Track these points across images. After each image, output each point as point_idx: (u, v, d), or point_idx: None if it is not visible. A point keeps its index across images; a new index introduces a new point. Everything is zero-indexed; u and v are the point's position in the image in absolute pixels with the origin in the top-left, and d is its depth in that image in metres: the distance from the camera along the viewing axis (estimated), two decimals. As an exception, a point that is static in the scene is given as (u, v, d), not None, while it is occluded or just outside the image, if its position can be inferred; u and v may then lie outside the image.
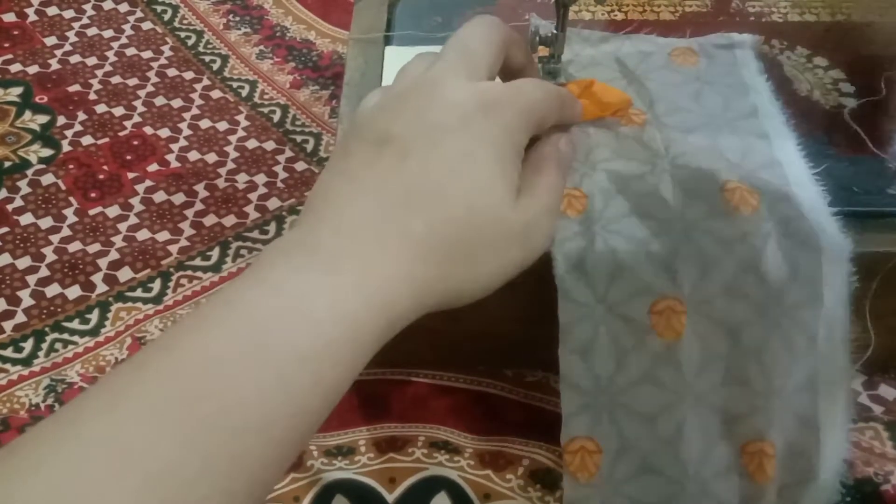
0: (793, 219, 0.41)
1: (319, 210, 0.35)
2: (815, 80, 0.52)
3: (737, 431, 0.41)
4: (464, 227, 0.35)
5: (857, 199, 0.44)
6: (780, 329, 0.40)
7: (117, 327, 0.54)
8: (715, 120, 0.47)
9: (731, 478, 0.40)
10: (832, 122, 0.50)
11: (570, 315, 0.41)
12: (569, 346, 0.41)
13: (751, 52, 0.51)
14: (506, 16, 0.58)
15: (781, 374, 0.40)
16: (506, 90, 0.38)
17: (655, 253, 0.41)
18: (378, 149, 0.36)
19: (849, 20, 0.57)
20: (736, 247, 0.40)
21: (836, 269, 0.41)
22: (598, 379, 0.41)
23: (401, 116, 0.36)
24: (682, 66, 0.50)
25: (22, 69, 0.71)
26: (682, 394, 0.41)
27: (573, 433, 0.41)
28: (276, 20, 0.78)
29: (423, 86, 0.37)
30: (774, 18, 0.57)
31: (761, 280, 0.40)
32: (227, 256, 0.58)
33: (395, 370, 0.50)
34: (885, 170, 0.47)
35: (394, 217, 0.34)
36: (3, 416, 0.48)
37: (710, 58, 0.51)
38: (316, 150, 0.65)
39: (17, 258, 0.57)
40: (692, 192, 0.42)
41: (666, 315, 0.40)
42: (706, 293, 0.40)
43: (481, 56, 0.38)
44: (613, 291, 0.41)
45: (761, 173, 0.43)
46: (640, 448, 0.41)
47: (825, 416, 0.40)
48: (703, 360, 0.41)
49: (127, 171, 0.63)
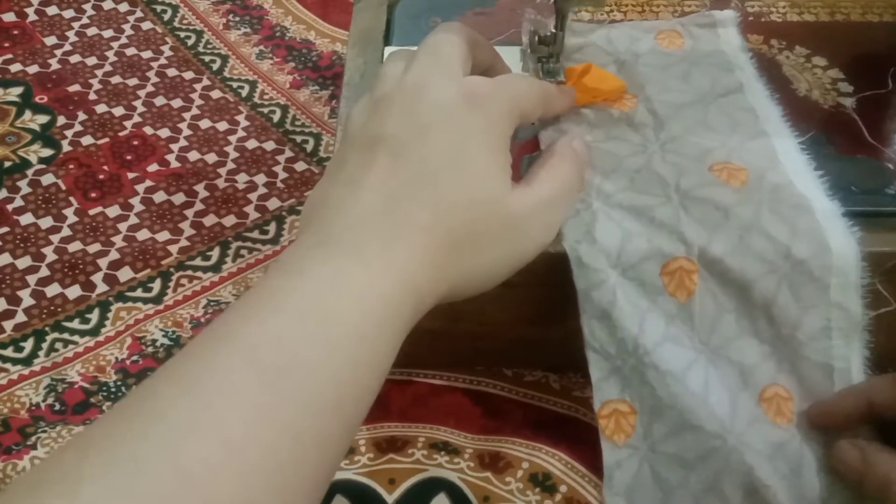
0: (782, 186, 0.43)
1: (322, 215, 0.36)
2: (813, 80, 0.52)
3: (753, 381, 0.41)
4: (466, 217, 0.36)
5: (856, 199, 0.44)
6: (788, 282, 0.41)
7: (117, 327, 0.54)
8: (703, 98, 0.48)
9: (758, 427, 0.41)
10: (831, 121, 0.50)
11: (585, 281, 0.42)
12: (589, 312, 0.42)
13: (733, 28, 0.53)
14: (505, 16, 0.58)
15: (790, 325, 0.41)
16: (488, 83, 0.39)
17: (660, 219, 0.42)
18: (371, 152, 0.36)
19: (848, 20, 0.57)
20: (734, 210, 0.42)
21: (834, 224, 0.42)
22: (623, 342, 0.41)
23: (389, 119, 0.37)
24: (669, 48, 0.52)
25: (22, 69, 0.72)
26: (699, 350, 0.42)
27: (605, 397, 0.42)
28: (275, 20, 0.78)
29: (406, 88, 0.38)
30: (773, 18, 0.57)
31: (767, 237, 0.41)
32: (227, 256, 0.58)
33: (395, 370, 0.50)
34: (884, 169, 0.47)
35: (399, 209, 0.35)
36: (4, 415, 0.48)
37: (694, 39, 0.52)
38: (316, 150, 0.66)
39: (17, 258, 0.57)
40: (683, 169, 0.44)
41: (678, 275, 0.41)
42: (717, 252, 0.42)
43: (452, 56, 0.40)
44: (624, 256, 0.42)
45: (748, 145, 0.45)
46: (675, 405, 0.41)
47: (840, 362, 0.41)
48: (715, 317, 0.42)
49: (127, 171, 0.63)
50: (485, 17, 0.59)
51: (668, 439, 0.41)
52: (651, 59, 0.51)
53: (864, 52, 0.55)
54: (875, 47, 0.56)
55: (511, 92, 0.40)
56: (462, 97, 0.38)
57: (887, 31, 0.57)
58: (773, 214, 0.42)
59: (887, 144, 0.48)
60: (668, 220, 0.42)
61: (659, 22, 0.54)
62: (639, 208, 0.43)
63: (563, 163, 0.42)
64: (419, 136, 0.37)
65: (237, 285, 0.56)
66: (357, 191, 0.36)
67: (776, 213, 0.42)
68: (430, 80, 0.38)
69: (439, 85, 0.38)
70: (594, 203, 0.43)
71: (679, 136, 0.46)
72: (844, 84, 0.52)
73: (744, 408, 0.41)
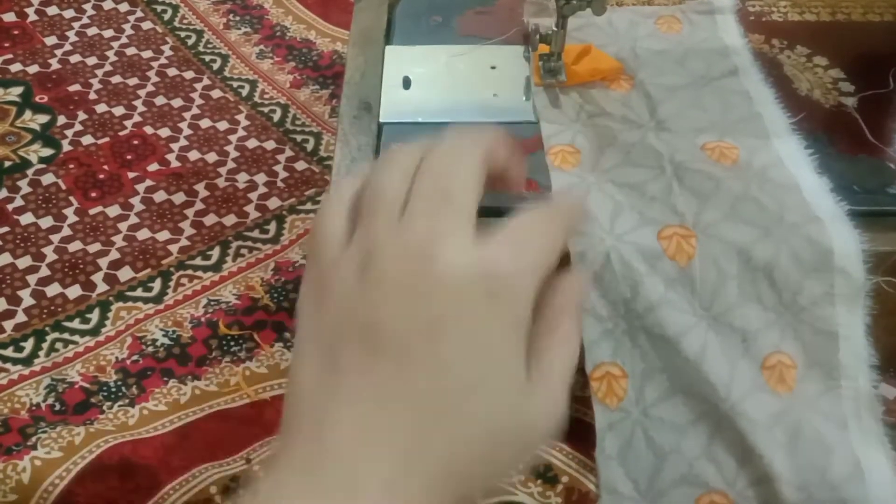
0: (771, 165, 0.44)
1: (310, 425, 0.30)
2: (814, 80, 0.52)
3: (755, 348, 0.42)
4: (487, 445, 0.31)
5: (857, 198, 0.44)
6: (787, 245, 0.42)
7: (118, 327, 0.54)
8: (698, 81, 0.50)
9: (757, 395, 0.41)
10: (832, 121, 0.50)
11: (580, 245, 0.42)
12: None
13: (731, 16, 0.54)
14: (505, 16, 0.58)
15: (792, 289, 0.42)
16: (509, 256, 0.31)
17: (651, 194, 0.44)
18: (370, 351, 0.30)
19: (849, 20, 0.57)
20: (725, 183, 0.43)
21: (821, 201, 0.43)
22: (615, 305, 0.42)
23: (389, 302, 0.30)
24: (668, 33, 0.54)
25: (22, 69, 0.71)
26: (700, 315, 0.42)
27: (597, 360, 0.42)
28: (276, 20, 0.78)
29: (409, 251, 0.30)
30: (774, 18, 0.57)
31: (758, 205, 0.43)
32: (227, 256, 0.58)
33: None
34: (886, 168, 0.47)
35: (408, 443, 0.29)
36: (4, 415, 0.48)
37: (692, 25, 0.54)
38: (316, 149, 0.65)
39: (17, 258, 0.57)
40: (676, 146, 0.45)
41: (675, 240, 0.42)
42: (709, 218, 0.42)
43: (467, 202, 0.31)
44: (619, 224, 0.43)
45: (741, 126, 0.47)
46: (666, 370, 0.42)
47: (844, 328, 0.41)
48: (718, 281, 0.42)
49: (127, 170, 0.63)
50: (485, 16, 0.59)
51: (660, 403, 0.42)
52: (649, 43, 0.52)
53: (866, 51, 0.55)
54: (876, 47, 0.56)
55: (535, 261, 0.32)
56: (480, 280, 0.30)
57: (888, 30, 0.57)
58: (762, 192, 0.43)
59: (888, 144, 0.48)
60: (660, 193, 0.44)
61: (659, 8, 0.55)
62: (631, 185, 0.44)
63: (570, 328, 0.34)
64: (428, 336, 0.29)
65: (237, 284, 0.56)
66: (355, 403, 0.29)
67: (765, 190, 0.43)
68: (440, 247, 0.30)
69: (452, 256, 0.30)
70: (589, 177, 0.45)
71: (673, 116, 0.47)
72: (846, 84, 0.52)
73: (744, 375, 0.41)
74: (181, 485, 0.44)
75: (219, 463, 0.45)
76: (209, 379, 0.50)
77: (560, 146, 0.47)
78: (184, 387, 0.50)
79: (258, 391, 0.49)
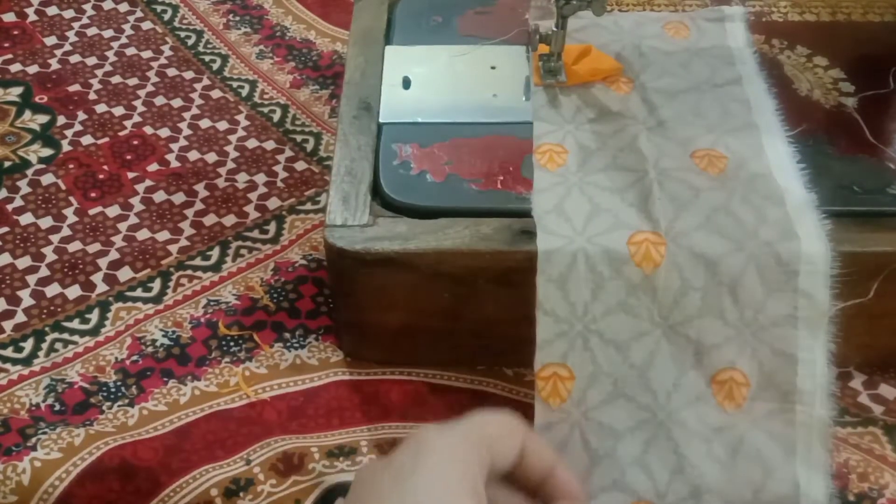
0: (759, 177, 0.44)
1: None
2: (814, 80, 0.52)
3: (708, 361, 0.42)
4: None
5: (857, 199, 0.44)
6: (756, 261, 0.41)
7: (117, 327, 0.54)
8: (699, 86, 0.50)
9: (700, 407, 0.41)
10: (832, 121, 0.50)
11: (548, 244, 0.42)
12: (546, 275, 0.42)
13: (741, 24, 0.54)
14: (506, 16, 0.58)
15: (754, 307, 0.41)
16: None
17: (629, 199, 0.44)
18: None
19: (849, 20, 0.57)
20: (705, 193, 0.43)
21: (805, 217, 0.43)
22: (574, 307, 0.42)
23: None
24: (675, 37, 0.53)
25: (22, 69, 0.71)
26: (656, 323, 0.42)
27: (547, 359, 0.42)
28: (276, 20, 0.78)
29: None
30: (774, 18, 0.57)
31: (735, 218, 0.42)
32: (227, 256, 0.58)
33: (396, 370, 0.50)
34: (886, 169, 0.47)
35: None
36: (4, 416, 0.48)
37: (700, 31, 0.54)
38: (316, 149, 0.65)
39: (17, 258, 0.57)
40: (665, 152, 0.46)
41: (645, 246, 0.42)
42: (683, 227, 0.42)
43: None
44: (592, 225, 0.43)
45: (735, 135, 0.47)
46: (611, 374, 0.42)
47: (805, 352, 0.41)
48: (680, 291, 0.42)
49: (127, 170, 0.63)
50: (485, 16, 0.59)
51: (602, 407, 0.42)
52: (655, 43, 0.52)
53: (866, 51, 0.55)
54: (876, 47, 0.56)
55: None
56: None
57: (888, 30, 0.57)
58: (745, 203, 0.43)
59: (889, 144, 0.48)
60: (638, 200, 0.44)
61: (667, 13, 0.55)
62: (612, 188, 0.44)
63: None
64: None
65: (237, 285, 0.56)
66: None
67: (748, 202, 0.43)
68: None
69: None
70: (571, 178, 0.45)
71: (668, 121, 0.47)
72: (846, 84, 0.52)
73: (689, 386, 0.41)
74: (181, 486, 0.44)
75: (219, 464, 0.45)
76: (209, 379, 0.50)
77: (549, 145, 0.47)
78: (183, 387, 0.50)
79: (258, 391, 0.49)
